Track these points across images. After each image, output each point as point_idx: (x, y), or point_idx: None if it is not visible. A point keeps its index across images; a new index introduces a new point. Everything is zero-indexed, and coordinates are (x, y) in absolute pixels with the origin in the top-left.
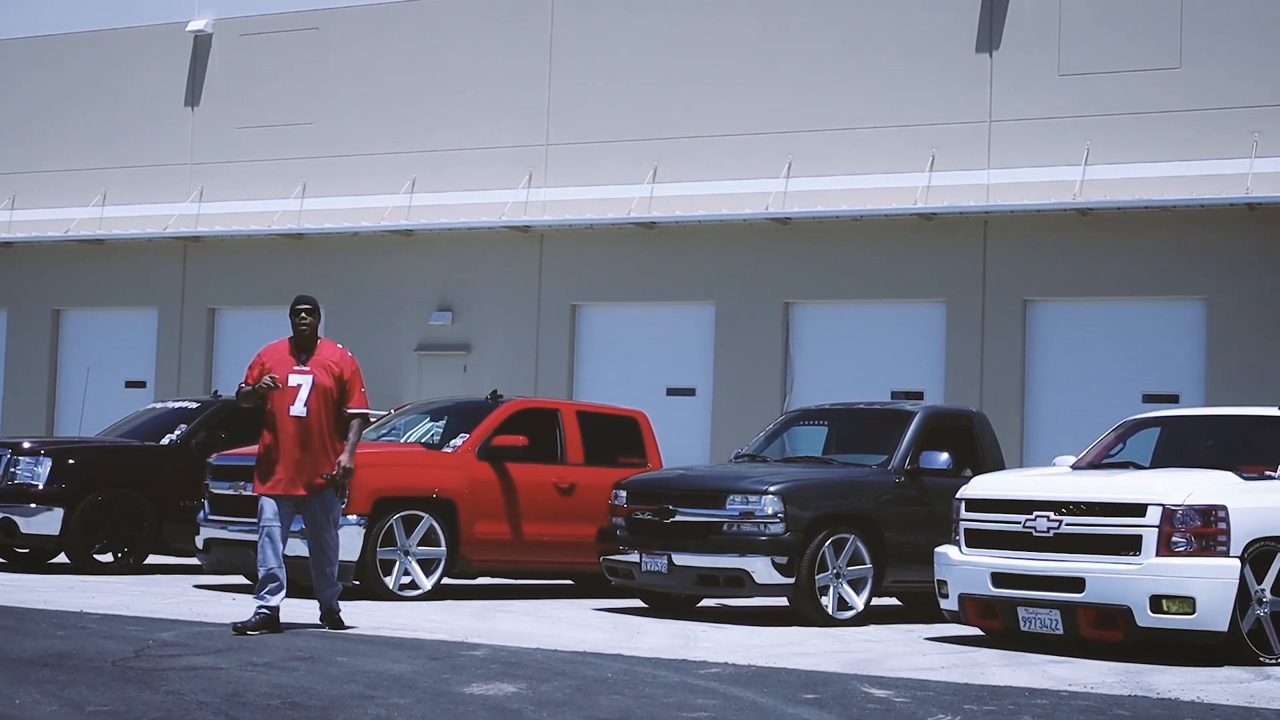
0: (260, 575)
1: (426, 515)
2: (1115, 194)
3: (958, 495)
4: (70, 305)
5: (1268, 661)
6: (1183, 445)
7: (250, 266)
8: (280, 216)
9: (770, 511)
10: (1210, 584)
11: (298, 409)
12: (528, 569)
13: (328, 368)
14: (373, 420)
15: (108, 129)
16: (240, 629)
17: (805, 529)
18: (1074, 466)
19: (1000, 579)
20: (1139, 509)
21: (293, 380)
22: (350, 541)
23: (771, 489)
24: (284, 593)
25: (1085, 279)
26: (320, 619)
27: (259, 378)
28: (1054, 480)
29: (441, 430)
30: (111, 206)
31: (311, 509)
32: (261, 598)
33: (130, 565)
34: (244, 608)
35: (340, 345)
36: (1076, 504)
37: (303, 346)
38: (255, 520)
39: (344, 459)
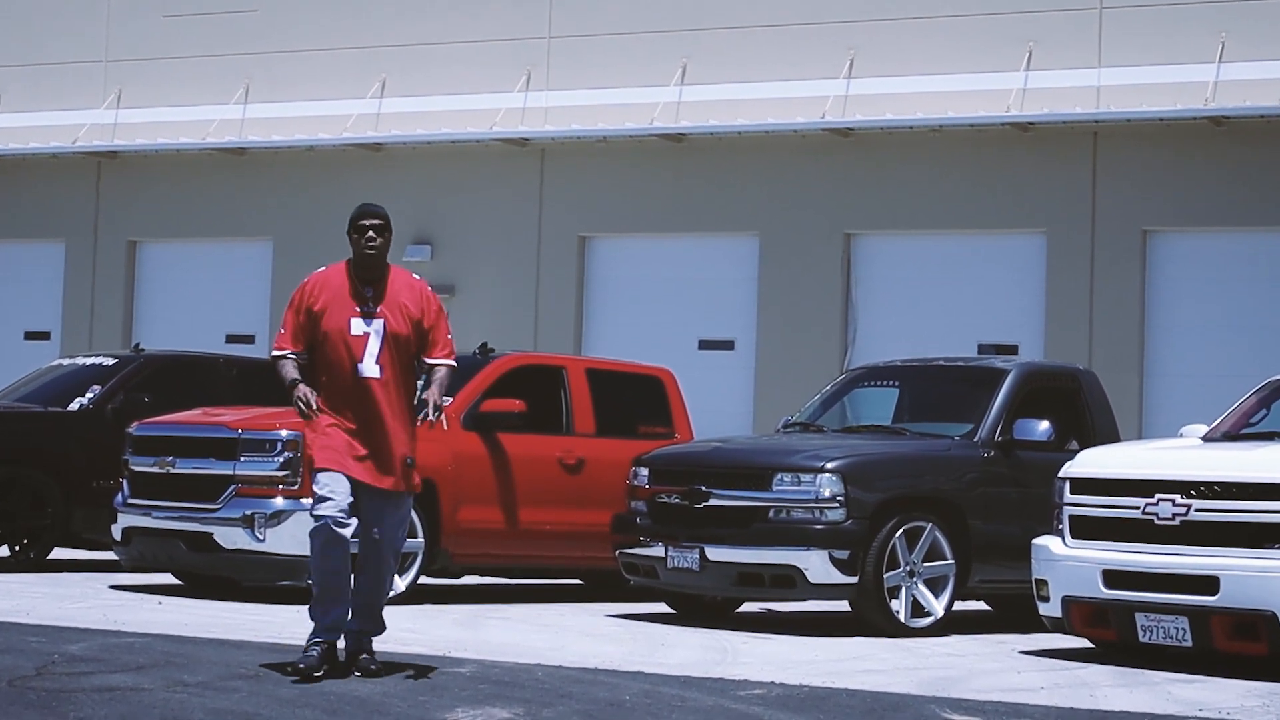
0: (318, 578)
1: None
2: (1257, 98)
3: (1061, 474)
4: None
5: None
6: None
7: (180, 188)
8: (218, 127)
9: (828, 494)
10: None
11: (369, 368)
12: (525, 565)
13: (402, 309)
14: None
15: (2, 18)
16: (302, 671)
17: (871, 516)
18: (1205, 438)
19: (1114, 578)
20: None
21: (356, 328)
22: (301, 533)
23: (829, 466)
24: (349, 610)
25: (1219, 204)
26: (346, 659)
27: (298, 335)
28: (1181, 455)
29: (417, 392)
30: (7, 114)
31: (377, 503)
32: (328, 622)
33: (31, 560)
34: (172, 614)
35: (417, 275)
36: (1209, 485)
37: (369, 278)
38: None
39: (433, 393)
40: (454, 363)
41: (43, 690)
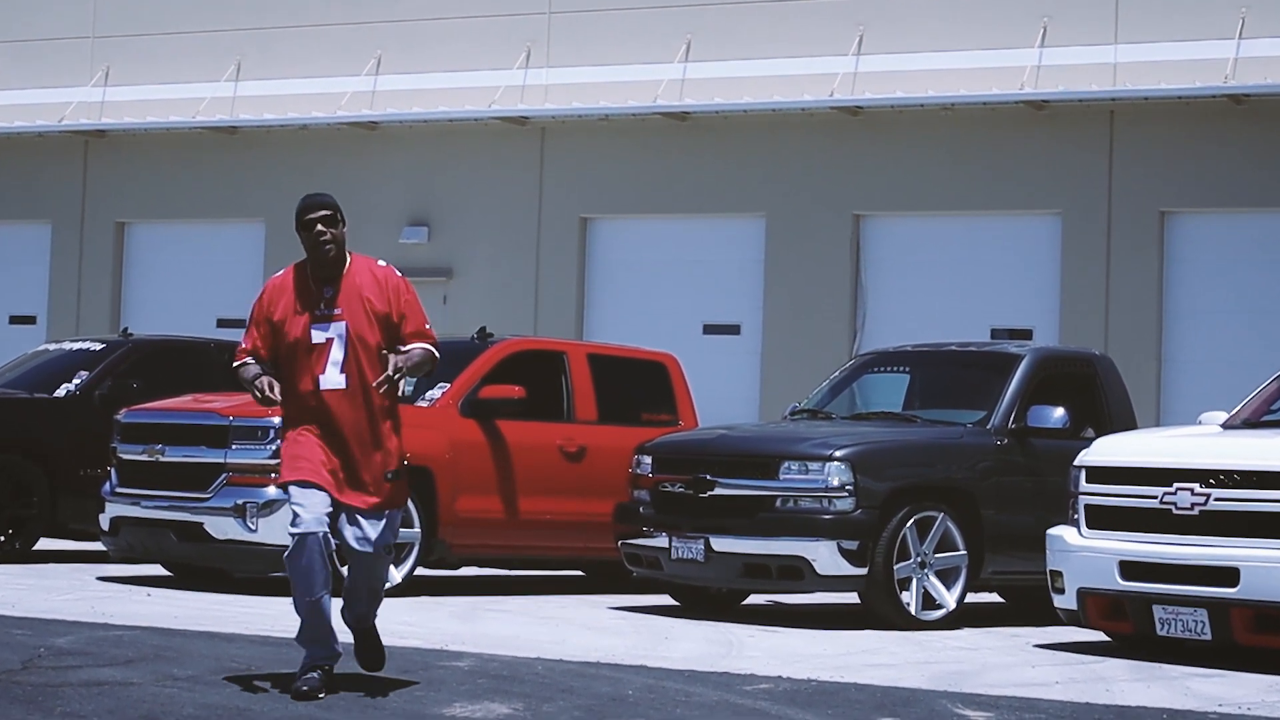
0: (302, 612)
1: None
2: (1278, 75)
3: (1076, 462)
4: None
5: None
6: None
7: (170, 168)
8: (208, 105)
9: (836, 483)
10: None
11: (332, 380)
12: (525, 557)
13: (365, 305)
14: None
15: None
16: (305, 694)
17: (881, 505)
18: (1225, 425)
19: (1131, 569)
20: None
21: (316, 335)
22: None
23: (838, 454)
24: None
25: (1239, 184)
26: (356, 654)
27: (260, 348)
28: (1200, 443)
29: (414, 379)
30: None
31: (356, 518)
32: (312, 648)
33: (16, 551)
34: (161, 606)
35: (383, 262)
36: (1229, 473)
37: (325, 276)
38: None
39: (396, 360)
40: (435, 351)
41: (29, 685)
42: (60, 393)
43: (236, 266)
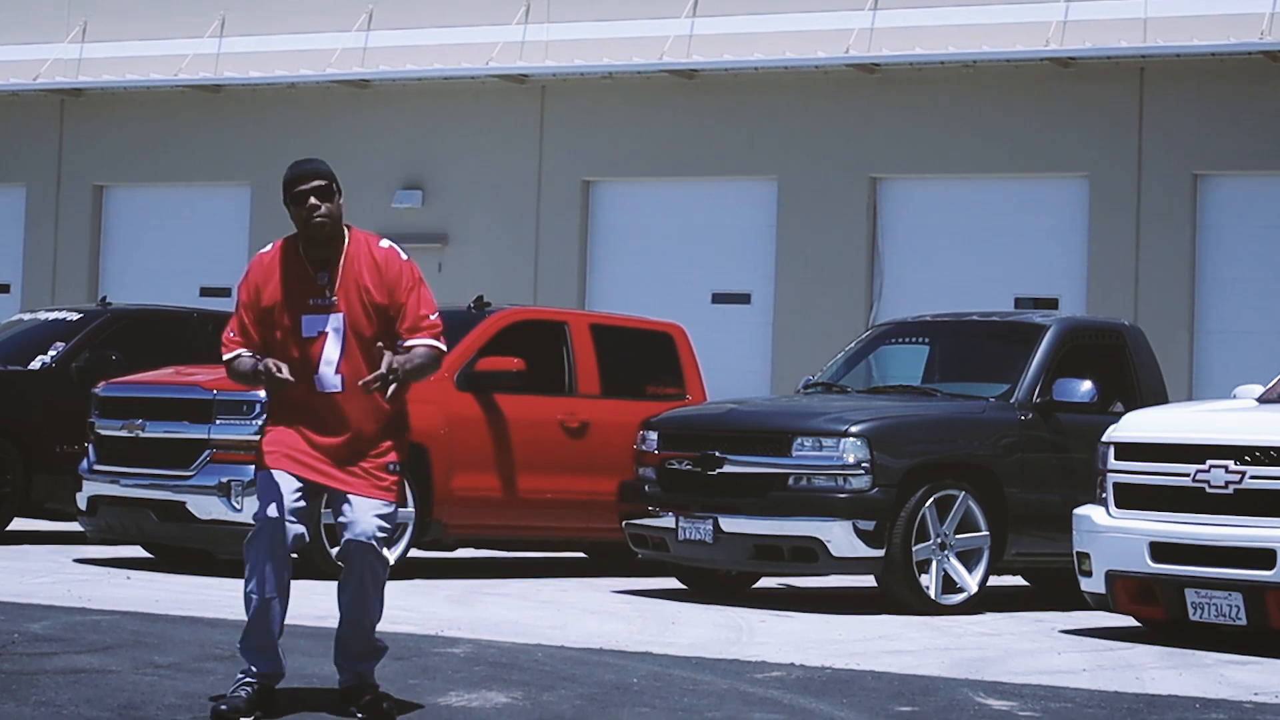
0: (250, 610)
1: None
2: None
3: (1104, 438)
4: None
5: None
6: None
7: (150, 129)
8: (191, 62)
9: (852, 460)
10: None
11: (328, 380)
12: (525, 537)
13: (362, 295)
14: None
15: None
16: (224, 715)
17: (899, 483)
18: (1261, 399)
19: (1162, 551)
20: None
21: (308, 327)
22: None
23: (854, 429)
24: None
25: (1276, 146)
26: (345, 697)
27: (253, 337)
28: (1234, 418)
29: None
30: None
31: (352, 507)
32: (252, 657)
33: None
34: (141, 589)
35: (385, 242)
36: (1265, 450)
37: (319, 258)
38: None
39: (391, 359)
40: (440, 345)
41: (2, 673)
42: (35, 365)
43: (220, 232)
